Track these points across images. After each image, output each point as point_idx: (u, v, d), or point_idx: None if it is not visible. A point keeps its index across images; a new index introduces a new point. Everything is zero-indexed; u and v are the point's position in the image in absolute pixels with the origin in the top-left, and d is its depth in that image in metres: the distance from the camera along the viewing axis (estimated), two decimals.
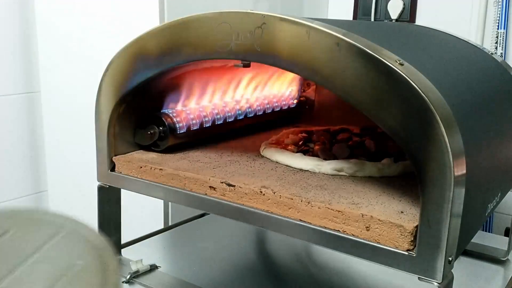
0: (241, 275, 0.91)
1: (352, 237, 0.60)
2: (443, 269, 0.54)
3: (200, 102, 0.88)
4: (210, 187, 0.71)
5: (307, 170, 0.75)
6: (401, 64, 0.55)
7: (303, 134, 0.89)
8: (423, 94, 0.53)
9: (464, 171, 0.54)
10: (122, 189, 0.84)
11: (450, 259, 0.55)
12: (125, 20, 1.17)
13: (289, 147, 0.82)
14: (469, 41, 0.97)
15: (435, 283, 0.55)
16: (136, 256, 0.88)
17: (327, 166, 0.74)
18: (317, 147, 0.82)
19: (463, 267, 0.92)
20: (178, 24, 0.71)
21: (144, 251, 0.97)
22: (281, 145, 0.84)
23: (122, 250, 0.91)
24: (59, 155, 1.41)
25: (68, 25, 1.29)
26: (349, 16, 1.61)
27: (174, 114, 0.83)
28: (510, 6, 1.35)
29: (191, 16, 0.69)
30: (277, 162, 0.79)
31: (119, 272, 0.43)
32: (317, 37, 0.59)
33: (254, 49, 0.64)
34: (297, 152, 0.80)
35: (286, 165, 0.78)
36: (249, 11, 0.64)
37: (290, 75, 1.02)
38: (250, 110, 0.95)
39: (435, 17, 1.46)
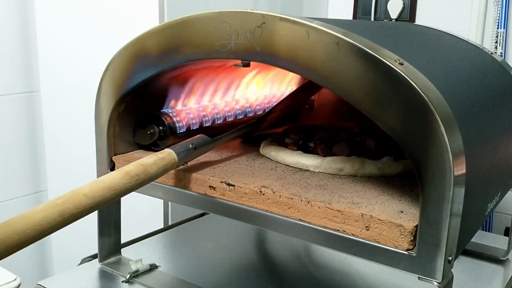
0: (241, 274, 0.91)
1: (352, 237, 0.60)
2: (443, 268, 0.54)
3: (200, 102, 0.88)
4: (210, 186, 0.71)
5: (307, 170, 0.75)
6: (401, 64, 0.55)
7: (303, 134, 0.89)
8: (423, 94, 0.53)
9: (464, 171, 0.54)
10: None
11: (450, 258, 0.55)
12: (125, 20, 1.17)
13: (289, 146, 0.82)
14: (469, 41, 0.97)
15: (435, 283, 0.55)
16: (136, 256, 0.88)
17: (327, 165, 0.74)
18: (317, 146, 0.82)
19: (463, 267, 0.92)
20: (177, 24, 0.71)
21: (144, 251, 0.97)
22: (281, 144, 0.83)
23: (122, 249, 0.91)
24: (59, 155, 1.41)
25: (68, 25, 1.29)
26: (349, 16, 1.61)
27: (174, 114, 0.83)
28: (510, 6, 1.35)
29: (191, 15, 0.69)
30: (277, 162, 0.79)
31: None
32: (317, 36, 0.59)
33: (254, 48, 0.64)
34: (297, 150, 0.80)
35: (285, 164, 0.78)
36: (249, 10, 0.64)
37: (290, 75, 1.02)
38: (250, 109, 0.95)
39: (435, 17, 1.46)
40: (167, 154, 0.69)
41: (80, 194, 0.57)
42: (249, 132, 0.89)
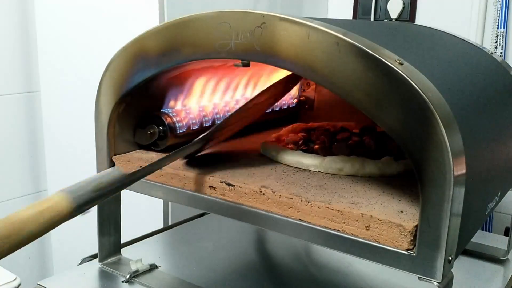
0: (241, 274, 0.91)
1: (351, 237, 0.60)
2: (443, 268, 0.54)
3: (200, 102, 0.88)
4: (209, 186, 0.71)
5: (307, 170, 0.75)
6: (401, 64, 0.55)
7: (303, 134, 0.89)
8: (423, 94, 0.53)
9: (464, 171, 0.54)
10: None
11: (450, 258, 0.55)
12: (125, 20, 1.17)
13: (289, 146, 0.82)
14: (469, 41, 0.97)
15: (435, 283, 0.55)
16: (136, 256, 0.88)
17: (327, 164, 0.74)
18: (316, 146, 0.82)
19: (463, 267, 0.92)
20: (177, 24, 0.71)
21: (144, 251, 0.97)
22: (281, 143, 0.83)
23: (122, 249, 0.91)
24: (58, 155, 1.41)
25: (68, 25, 1.29)
26: (349, 16, 1.61)
27: (174, 114, 0.83)
28: (510, 6, 1.35)
29: (191, 15, 0.69)
30: (277, 162, 0.79)
31: None
32: (317, 36, 0.59)
33: (253, 48, 0.64)
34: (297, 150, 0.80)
35: (285, 164, 0.78)
36: (248, 10, 0.64)
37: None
38: None
39: (435, 17, 1.46)
40: (57, 202, 0.52)
41: None
42: (194, 153, 0.75)
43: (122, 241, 0.91)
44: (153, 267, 0.87)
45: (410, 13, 1.49)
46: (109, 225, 0.86)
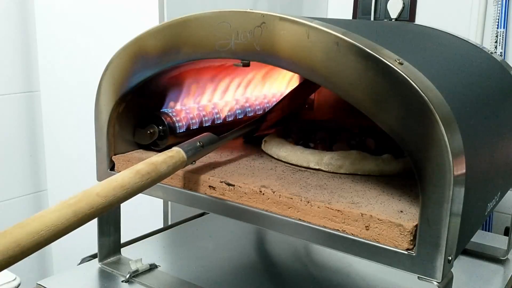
0: (241, 274, 0.91)
1: (351, 237, 0.60)
2: (443, 268, 0.54)
3: (199, 101, 0.88)
4: (209, 186, 0.71)
5: (307, 170, 0.75)
6: (401, 64, 0.55)
7: (304, 134, 0.89)
8: (422, 94, 0.53)
9: (464, 171, 0.54)
10: None
11: (450, 258, 0.55)
12: (125, 20, 1.17)
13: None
14: (468, 40, 0.97)
15: (435, 283, 0.55)
16: (136, 256, 0.88)
17: (328, 160, 0.74)
18: (317, 145, 0.82)
19: (462, 267, 0.92)
20: (177, 24, 0.71)
21: (144, 251, 0.97)
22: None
23: (122, 249, 0.91)
24: (58, 154, 1.41)
25: (67, 25, 1.29)
26: (349, 16, 1.61)
27: (174, 114, 0.83)
28: (509, 6, 1.35)
29: (191, 15, 0.69)
30: (277, 162, 0.79)
31: None
32: (317, 36, 0.59)
33: (253, 48, 0.64)
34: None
35: (286, 161, 0.78)
36: (248, 10, 0.64)
37: (290, 74, 1.02)
38: (249, 109, 0.95)
39: (435, 16, 1.46)
40: (176, 153, 0.68)
41: (93, 193, 0.56)
42: (252, 131, 0.88)
43: (122, 241, 0.91)
44: (153, 267, 0.87)
45: (410, 13, 1.49)
46: (109, 225, 0.86)
